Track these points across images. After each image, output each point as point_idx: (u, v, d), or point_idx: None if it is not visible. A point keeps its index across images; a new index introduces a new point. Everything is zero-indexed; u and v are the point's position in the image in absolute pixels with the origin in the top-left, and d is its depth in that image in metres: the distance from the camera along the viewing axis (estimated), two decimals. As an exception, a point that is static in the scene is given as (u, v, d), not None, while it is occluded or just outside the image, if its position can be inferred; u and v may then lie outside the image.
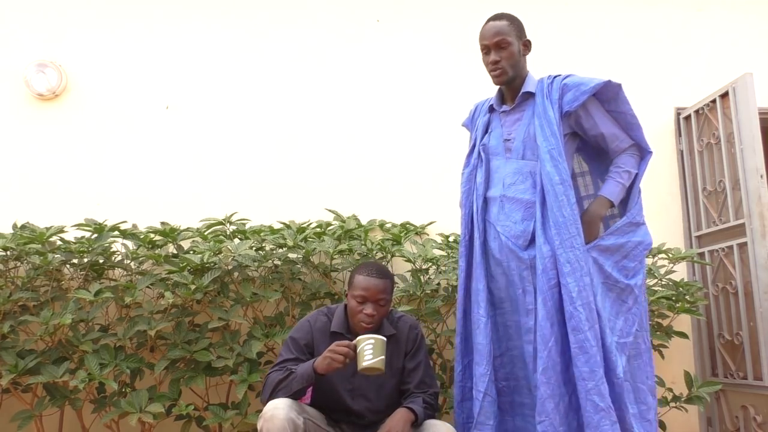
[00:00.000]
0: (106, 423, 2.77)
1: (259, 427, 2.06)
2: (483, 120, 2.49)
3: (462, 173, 2.54)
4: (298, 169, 3.56)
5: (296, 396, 2.14)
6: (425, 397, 2.28)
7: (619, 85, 2.30)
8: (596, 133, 2.34)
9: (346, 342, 2.12)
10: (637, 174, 2.35)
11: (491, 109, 2.48)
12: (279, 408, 2.04)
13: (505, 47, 2.30)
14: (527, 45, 2.37)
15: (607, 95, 2.32)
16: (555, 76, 2.34)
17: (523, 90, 2.35)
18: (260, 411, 2.11)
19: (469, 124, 2.62)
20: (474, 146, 2.51)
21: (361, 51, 3.73)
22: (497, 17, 2.34)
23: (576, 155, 2.51)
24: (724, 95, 3.45)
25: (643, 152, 2.37)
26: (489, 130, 2.46)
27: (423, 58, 3.76)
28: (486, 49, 2.34)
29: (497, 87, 2.45)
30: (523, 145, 2.32)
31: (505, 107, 2.42)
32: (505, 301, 2.35)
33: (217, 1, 3.68)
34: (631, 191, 2.36)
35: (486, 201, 2.41)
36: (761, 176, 3.23)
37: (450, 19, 3.80)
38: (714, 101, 3.52)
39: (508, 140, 2.37)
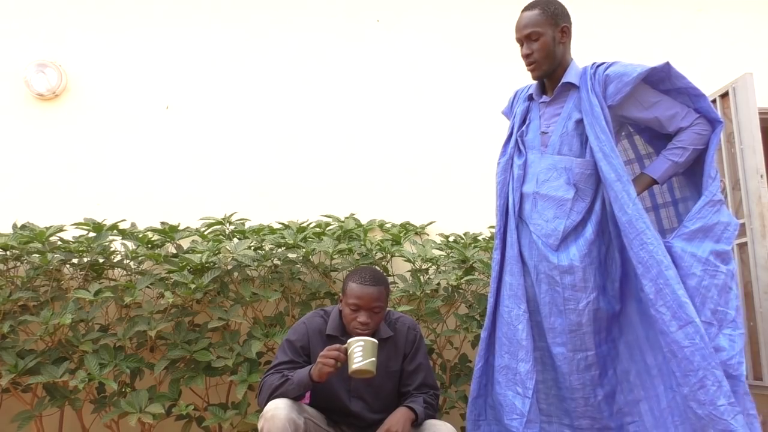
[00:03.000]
0: (106, 423, 2.77)
1: (259, 427, 2.06)
2: (521, 108, 2.35)
3: (498, 163, 2.38)
4: (298, 169, 3.56)
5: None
6: (426, 397, 2.26)
7: (667, 64, 2.15)
8: (650, 118, 2.18)
9: (337, 345, 2.08)
10: (706, 149, 2.16)
11: (530, 98, 2.34)
12: (280, 408, 2.03)
13: (536, 39, 2.16)
14: (565, 31, 2.20)
15: (657, 77, 2.17)
16: (599, 65, 2.20)
17: (563, 80, 2.21)
18: (260, 411, 2.11)
19: (508, 112, 2.47)
20: (511, 135, 2.37)
21: (361, 51, 3.73)
22: (529, 6, 2.20)
23: (638, 137, 2.40)
24: (724, 95, 3.45)
25: (713, 124, 2.17)
26: (527, 121, 2.32)
27: (423, 58, 3.76)
28: (519, 42, 2.21)
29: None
30: (560, 140, 2.20)
31: (545, 98, 2.29)
32: (530, 300, 2.25)
33: (217, 1, 3.68)
34: (700, 167, 2.17)
35: (521, 196, 2.28)
36: (761, 176, 3.22)
37: (450, 19, 3.80)
38: (714, 101, 3.51)
39: (545, 134, 2.24)
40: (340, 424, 2.27)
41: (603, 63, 2.22)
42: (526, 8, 2.22)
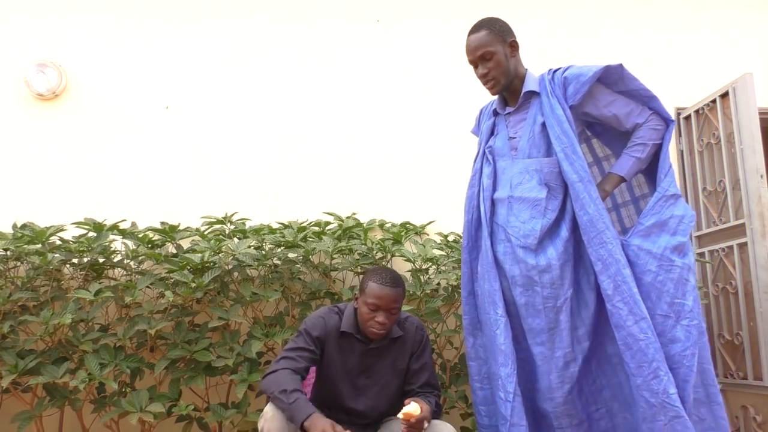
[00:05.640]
0: (106, 423, 2.76)
1: (260, 427, 2.06)
2: (488, 124, 2.44)
3: (469, 179, 2.50)
4: (298, 168, 3.56)
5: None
6: (433, 398, 2.30)
7: (620, 66, 2.22)
8: (609, 116, 2.27)
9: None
10: (661, 145, 2.26)
11: (495, 113, 2.43)
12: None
13: (489, 58, 2.25)
14: (513, 45, 2.29)
15: (612, 78, 2.25)
16: (555, 71, 2.28)
17: (524, 90, 2.30)
18: (260, 410, 2.11)
19: (476, 130, 2.57)
20: (480, 150, 2.47)
21: (361, 51, 3.73)
22: (475, 28, 2.29)
23: (596, 140, 2.47)
24: (724, 95, 3.46)
25: (666, 121, 2.28)
26: (495, 133, 2.41)
27: (423, 58, 3.76)
28: (473, 64, 2.31)
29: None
30: (529, 144, 2.27)
31: (508, 109, 2.37)
32: (509, 303, 2.30)
33: (217, 1, 3.68)
34: (657, 164, 2.26)
35: (493, 203, 2.36)
36: (761, 176, 3.23)
37: (450, 19, 3.80)
38: (714, 101, 3.52)
39: (514, 138, 2.32)
40: (340, 423, 2.26)
41: (559, 68, 2.29)
42: (472, 31, 2.30)
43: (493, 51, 2.25)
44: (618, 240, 2.13)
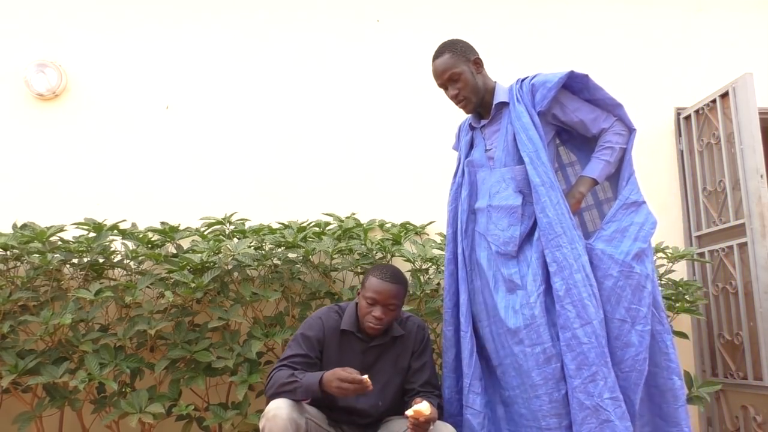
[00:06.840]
0: (106, 423, 2.76)
1: (261, 427, 2.06)
2: (466, 139, 2.52)
3: (449, 194, 2.56)
4: (298, 168, 3.56)
5: None
6: (436, 399, 2.30)
7: (586, 75, 2.29)
8: (576, 121, 2.34)
9: (356, 377, 2.04)
10: (625, 150, 2.32)
11: (472, 127, 2.51)
12: (281, 408, 2.04)
13: (457, 79, 2.32)
14: (478, 62, 2.36)
15: (578, 86, 2.33)
16: (523, 79, 2.35)
17: (495, 102, 2.36)
18: (260, 411, 2.12)
19: (457, 146, 2.65)
20: (459, 164, 2.55)
21: (361, 51, 3.73)
22: (438, 53, 2.35)
23: (562, 148, 2.53)
24: (724, 95, 3.45)
25: (629, 129, 2.35)
26: (473, 146, 2.49)
27: (423, 58, 3.74)
28: (443, 87, 2.38)
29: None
30: (504, 153, 2.34)
31: (483, 121, 2.44)
32: (492, 310, 2.33)
33: (217, 1, 3.68)
34: (619, 171, 2.34)
35: (474, 213, 2.44)
36: (761, 176, 3.23)
37: (450, 19, 3.80)
38: (714, 101, 3.52)
39: (490, 150, 2.40)
40: (340, 423, 2.27)
41: (526, 77, 2.36)
42: (436, 56, 2.36)
43: (459, 72, 2.32)
44: (575, 244, 2.17)
